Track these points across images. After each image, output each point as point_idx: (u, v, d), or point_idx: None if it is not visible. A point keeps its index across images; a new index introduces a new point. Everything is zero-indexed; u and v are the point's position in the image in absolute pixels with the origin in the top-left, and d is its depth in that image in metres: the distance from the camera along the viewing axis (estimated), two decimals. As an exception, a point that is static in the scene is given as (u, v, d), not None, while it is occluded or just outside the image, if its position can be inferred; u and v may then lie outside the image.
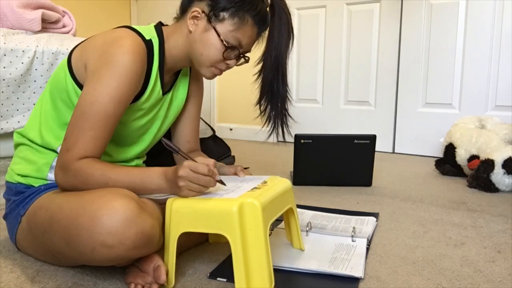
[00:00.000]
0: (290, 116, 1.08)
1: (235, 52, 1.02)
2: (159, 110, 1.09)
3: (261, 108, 1.07)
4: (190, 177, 0.83)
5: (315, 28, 2.83)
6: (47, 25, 1.66)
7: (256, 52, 1.05)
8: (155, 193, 0.90)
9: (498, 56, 2.27)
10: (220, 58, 1.00)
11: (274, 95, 1.04)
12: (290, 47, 1.03)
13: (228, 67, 1.04)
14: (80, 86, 0.95)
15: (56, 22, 1.70)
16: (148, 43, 0.99)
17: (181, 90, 1.15)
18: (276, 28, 1.00)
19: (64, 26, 1.75)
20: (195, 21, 1.00)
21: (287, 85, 1.05)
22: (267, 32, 1.03)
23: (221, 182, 0.90)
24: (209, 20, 0.98)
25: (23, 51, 1.42)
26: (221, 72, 1.05)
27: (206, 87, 3.28)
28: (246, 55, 1.06)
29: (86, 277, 0.92)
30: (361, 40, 2.67)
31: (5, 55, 1.38)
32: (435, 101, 2.47)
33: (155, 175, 0.87)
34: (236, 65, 1.07)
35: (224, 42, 0.98)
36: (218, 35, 0.98)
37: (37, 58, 1.45)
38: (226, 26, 0.98)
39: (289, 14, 1.02)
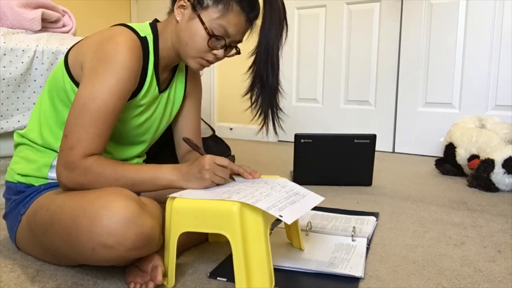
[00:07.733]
0: (281, 110, 1.05)
1: (221, 42, 0.99)
2: (157, 108, 1.09)
3: (252, 99, 1.04)
4: (215, 169, 0.89)
5: (315, 27, 2.83)
6: (47, 24, 1.66)
7: (253, 44, 1.02)
8: (164, 188, 0.92)
9: (498, 56, 2.27)
10: (205, 48, 0.98)
11: (264, 86, 1.01)
12: (283, 37, 0.99)
13: (217, 58, 1.01)
14: (78, 85, 0.95)
15: (56, 21, 1.70)
16: (143, 40, 0.99)
17: (178, 88, 1.15)
18: (267, 16, 0.97)
19: (64, 26, 1.74)
20: (181, 10, 0.99)
21: (278, 77, 1.02)
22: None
23: (231, 178, 0.96)
24: (194, 8, 0.97)
25: (23, 50, 1.42)
26: (209, 63, 1.02)
27: (206, 87, 3.28)
28: (238, 46, 1.03)
29: (86, 277, 0.92)
30: (361, 40, 2.67)
31: (5, 54, 1.38)
32: (435, 100, 2.47)
33: (167, 170, 0.91)
34: (227, 56, 1.04)
35: (208, 30, 0.96)
36: (202, 23, 0.95)
37: (37, 57, 1.45)
38: (210, 14, 0.96)
39: (283, 3, 0.99)
